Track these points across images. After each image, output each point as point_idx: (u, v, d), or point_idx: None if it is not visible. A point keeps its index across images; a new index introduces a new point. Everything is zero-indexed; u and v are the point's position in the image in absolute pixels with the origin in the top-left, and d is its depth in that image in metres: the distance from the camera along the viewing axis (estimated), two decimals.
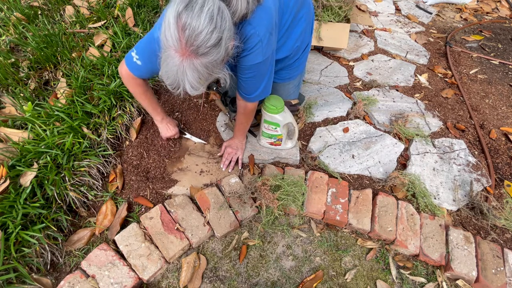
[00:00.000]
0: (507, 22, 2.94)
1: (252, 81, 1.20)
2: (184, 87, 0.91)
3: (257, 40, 1.05)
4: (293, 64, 1.49)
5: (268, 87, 1.28)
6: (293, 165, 1.56)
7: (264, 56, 1.10)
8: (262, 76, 1.20)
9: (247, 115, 1.40)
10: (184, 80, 0.89)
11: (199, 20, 0.81)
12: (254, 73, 1.16)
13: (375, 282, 1.23)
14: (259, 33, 1.04)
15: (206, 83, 0.96)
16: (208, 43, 0.84)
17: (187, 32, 0.82)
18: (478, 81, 2.19)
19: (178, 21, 0.81)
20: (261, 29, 1.04)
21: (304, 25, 1.36)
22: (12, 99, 1.54)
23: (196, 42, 0.83)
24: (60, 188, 1.25)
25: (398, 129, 1.71)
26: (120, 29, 1.92)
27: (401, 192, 1.45)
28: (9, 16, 2.07)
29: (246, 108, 1.35)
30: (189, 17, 0.81)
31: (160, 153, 1.57)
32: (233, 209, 1.34)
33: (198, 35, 0.82)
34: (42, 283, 1.12)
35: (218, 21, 0.84)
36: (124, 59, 1.23)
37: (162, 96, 1.86)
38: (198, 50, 0.84)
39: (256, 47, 1.07)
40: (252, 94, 1.25)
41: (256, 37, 1.04)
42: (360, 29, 2.63)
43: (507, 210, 1.40)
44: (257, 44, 1.06)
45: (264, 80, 1.22)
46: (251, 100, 1.29)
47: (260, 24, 1.04)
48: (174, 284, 1.18)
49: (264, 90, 1.26)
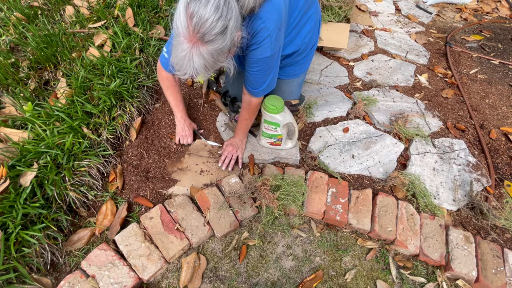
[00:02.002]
0: (507, 22, 2.94)
1: (259, 74, 1.23)
2: (191, 72, 0.96)
3: (267, 34, 1.08)
4: (300, 61, 1.51)
5: (273, 82, 1.32)
6: (293, 165, 1.56)
7: (272, 50, 1.14)
8: (268, 71, 1.23)
9: (251, 111, 1.42)
10: (191, 65, 0.94)
11: (206, 9, 0.86)
12: (261, 67, 1.20)
13: (375, 282, 1.23)
14: (269, 27, 1.07)
15: (211, 70, 1.01)
16: (214, 31, 0.89)
17: (195, 19, 0.87)
18: (478, 81, 2.19)
19: (187, 10, 0.88)
20: (270, 24, 1.07)
21: (312, 24, 1.39)
22: (12, 99, 1.54)
23: (202, 29, 0.88)
24: (60, 188, 1.25)
25: (398, 129, 1.71)
26: (120, 29, 1.92)
27: (401, 192, 1.45)
28: (9, 16, 2.07)
29: (250, 103, 1.37)
30: (196, 6, 0.87)
31: (160, 153, 1.57)
32: (233, 209, 1.34)
33: (205, 23, 0.87)
34: (42, 283, 1.12)
35: (224, 11, 0.89)
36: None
37: (162, 96, 1.86)
38: (204, 37, 0.90)
39: (265, 41, 1.10)
40: (258, 88, 1.29)
41: (266, 31, 1.08)
42: (360, 29, 2.63)
43: (507, 210, 1.40)
44: (267, 38, 1.09)
45: (270, 74, 1.26)
46: (257, 94, 1.32)
47: (270, 19, 1.07)
48: (174, 284, 1.18)
49: (270, 85, 1.30)
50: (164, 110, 1.78)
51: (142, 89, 1.76)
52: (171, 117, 1.73)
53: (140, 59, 1.84)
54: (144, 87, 1.78)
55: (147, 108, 1.76)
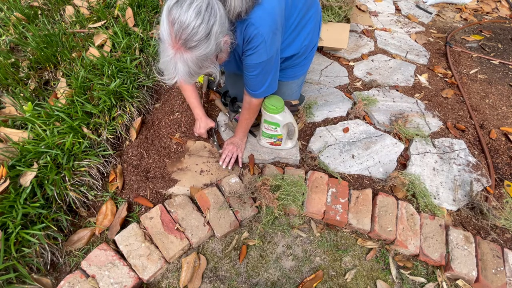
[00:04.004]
0: (507, 22, 2.94)
1: (258, 78, 1.24)
2: (177, 78, 0.97)
3: (261, 40, 1.08)
4: (300, 63, 1.51)
5: (274, 84, 1.32)
6: (293, 165, 1.56)
7: (268, 55, 1.14)
8: (267, 74, 1.24)
9: (252, 111, 1.42)
10: (176, 72, 0.95)
11: (187, 15, 0.86)
12: (259, 70, 1.20)
13: (375, 282, 1.23)
14: (263, 33, 1.07)
15: (196, 76, 1.01)
16: (196, 37, 0.88)
17: (176, 26, 0.87)
18: (478, 81, 2.19)
19: (169, 16, 0.87)
20: (264, 29, 1.07)
21: (312, 25, 1.39)
22: (12, 99, 1.54)
23: (184, 35, 0.88)
24: (60, 188, 1.25)
25: (398, 129, 1.71)
26: (120, 29, 1.92)
27: (401, 192, 1.45)
28: (9, 16, 2.07)
29: (251, 103, 1.38)
30: (178, 11, 0.86)
31: (160, 153, 1.57)
32: (233, 209, 1.34)
33: (186, 29, 0.87)
34: (42, 283, 1.12)
35: (206, 16, 0.88)
36: None
37: (162, 96, 1.86)
38: (186, 43, 0.89)
39: (260, 46, 1.10)
40: (257, 90, 1.29)
41: (259, 37, 1.08)
42: (360, 29, 2.63)
43: (507, 210, 1.40)
44: (261, 44, 1.10)
45: (269, 77, 1.26)
46: (257, 96, 1.33)
47: (263, 25, 1.07)
48: (174, 284, 1.18)
49: (270, 87, 1.30)
50: (164, 110, 1.78)
51: (142, 89, 1.76)
52: (171, 117, 1.74)
53: (140, 59, 1.84)
54: (144, 87, 1.78)
55: (147, 108, 1.76)
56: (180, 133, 1.66)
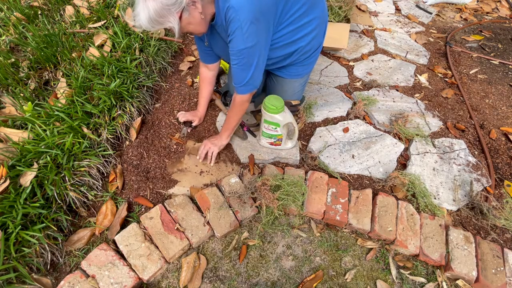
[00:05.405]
0: (507, 22, 2.94)
1: (238, 69, 1.21)
2: (139, 23, 1.04)
3: (237, 25, 1.07)
4: (304, 62, 1.49)
5: (255, 80, 1.27)
6: (293, 165, 1.56)
7: (245, 44, 1.11)
8: (247, 66, 1.20)
9: (235, 108, 1.39)
10: (139, 17, 1.03)
11: None
12: (238, 60, 1.18)
13: (375, 282, 1.23)
14: (240, 18, 1.05)
15: (157, 25, 1.06)
16: None
17: None
18: (478, 81, 2.19)
19: None
20: (242, 15, 1.05)
21: (316, 23, 1.35)
22: (12, 99, 1.54)
23: None
24: (60, 188, 1.25)
25: (398, 129, 1.71)
26: (120, 29, 1.92)
27: (401, 192, 1.45)
28: (9, 16, 2.07)
29: (234, 100, 1.36)
30: None
31: (160, 153, 1.57)
32: (233, 209, 1.34)
33: None
34: (42, 283, 1.12)
35: None
36: None
37: (162, 96, 1.86)
38: None
39: (236, 33, 1.09)
40: (238, 84, 1.27)
41: (236, 22, 1.06)
42: (360, 29, 2.63)
43: (507, 210, 1.40)
44: (236, 30, 1.08)
45: (250, 70, 1.21)
46: (238, 90, 1.30)
47: (241, 10, 1.04)
48: (174, 284, 1.18)
49: (250, 81, 1.25)
50: (164, 110, 1.78)
51: (142, 89, 1.76)
52: (171, 117, 1.74)
53: (140, 59, 1.84)
54: (144, 87, 1.78)
55: (147, 108, 1.76)
56: (180, 133, 1.66)
